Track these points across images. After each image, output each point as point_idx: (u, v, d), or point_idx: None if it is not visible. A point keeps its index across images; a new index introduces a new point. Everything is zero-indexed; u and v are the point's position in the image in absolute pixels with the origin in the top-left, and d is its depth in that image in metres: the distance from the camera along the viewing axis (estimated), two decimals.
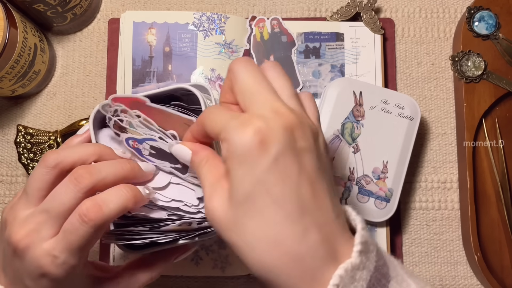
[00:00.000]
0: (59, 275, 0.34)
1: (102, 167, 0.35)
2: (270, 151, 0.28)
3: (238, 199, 0.29)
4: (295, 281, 0.28)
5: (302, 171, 0.29)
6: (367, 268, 0.29)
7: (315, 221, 0.29)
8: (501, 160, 0.53)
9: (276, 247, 0.28)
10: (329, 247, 0.29)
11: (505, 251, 0.52)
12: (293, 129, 0.29)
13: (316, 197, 0.29)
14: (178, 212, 0.38)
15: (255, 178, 0.28)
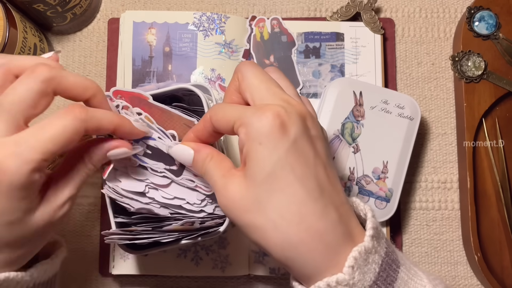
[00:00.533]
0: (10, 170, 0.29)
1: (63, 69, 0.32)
2: (290, 134, 0.30)
3: (260, 178, 0.30)
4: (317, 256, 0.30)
5: (317, 155, 0.31)
6: (378, 253, 0.30)
7: (332, 201, 0.31)
8: (501, 160, 0.53)
9: (299, 222, 0.30)
10: (345, 226, 0.31)
11: (505, 251, 0.52)
12: (305, 118, 0.31)
13: (330, 180, 0.31)
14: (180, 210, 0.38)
15: (278, 157, 0.30)
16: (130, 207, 0.37)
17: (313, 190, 0.30)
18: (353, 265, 0.29)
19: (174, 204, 0.38)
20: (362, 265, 0.29)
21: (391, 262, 0.31)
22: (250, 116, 0.30)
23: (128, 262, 0.51)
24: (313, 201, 0.30)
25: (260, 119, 0.30)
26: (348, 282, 0.29)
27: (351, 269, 0.29)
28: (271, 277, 0.52)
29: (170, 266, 0.51)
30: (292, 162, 0.30)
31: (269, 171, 0.30)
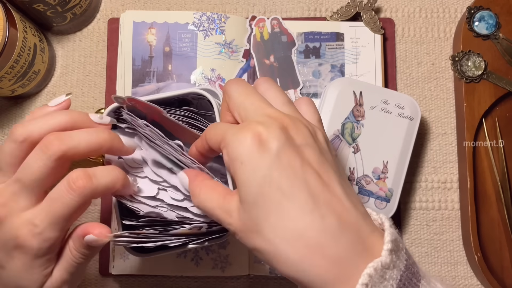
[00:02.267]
0: (34, 247, 0.32)
1: (74, 133, 0.33)
2: (271, 149, 0.29)
3: (250, 201, 0.29)
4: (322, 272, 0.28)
5: (305, 163, 0.29)
6: (397, 267, 0.28)
7: (330, 209, 0.28)
8: (501, 160, 0.53)
9: (297, 239, 0.28)
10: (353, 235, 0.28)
11: (505, 251, 0.52)
12: (288, 128, 0.30)
13: (326, 186, 0.29)
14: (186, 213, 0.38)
15: (261, 176, 0.29)
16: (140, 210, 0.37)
17: (305, 202, 0.28)
18: (367, 282, 0.27)
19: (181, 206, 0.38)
20: (378, 282, 0.27)
21: (411, 276, 0.28)
22: (231, 136, 0.30)
23: (128, 262, 0.51)
24: (309, 213, 0.28)
25: (239, 140, 0.30)
26: None
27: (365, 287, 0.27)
28: (271, 277, 0.52)
29: (170, 266, 0.51)
30: (277, 177, 0.29)
31: (256, 191, 0.29)
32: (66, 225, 0.33)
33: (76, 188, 0.32)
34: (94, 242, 0.34)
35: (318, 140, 0.32)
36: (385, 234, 0.29)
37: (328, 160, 0.31)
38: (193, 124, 0.41)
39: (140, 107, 0.38)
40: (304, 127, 0.31)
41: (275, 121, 0.30)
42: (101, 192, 0.34)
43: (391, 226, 0.29)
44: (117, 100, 0.38)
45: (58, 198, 0.32)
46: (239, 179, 0.30)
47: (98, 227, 0.34)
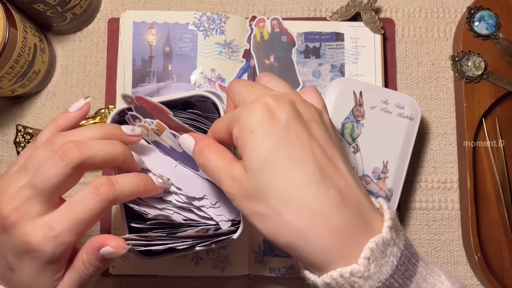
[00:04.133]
0: (48, 252, 0.32)
1: (93, 143, 0.34)
2: (280, 119, 0.30)
3: (258, 166, 0.30)
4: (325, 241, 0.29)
5: (312, 137, 0.30)
6: (397, 245, 0.29)
7: (334, 184, 0.29)
8: (501, 160, 0.53)
9: (303, 207, 0.29)
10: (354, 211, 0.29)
11: (505, 251, 0.52)
12: (296, 103, 0.31)
13: (331, 162, 0.30)
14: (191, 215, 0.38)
15: (271, 142, 0.29)
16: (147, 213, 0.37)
17: (313, 172, 0.29)
18: (369, 256, 0.28)
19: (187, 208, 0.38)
20: (379, 257, 0.28)
21: (410, 256, 0.29)
22: (241, 110, 0.31)
23: (128, 262, 0.51)
24: (315, 183, 0.29)
25: (249, 111, 0.30)
26: (363, 274, 0.28)
27: (367, 261, 0.28)
28: (271, 277, 0.52)
29: (170, 266, 0.51)
30: (287, 145, 0.29)
31: (265, 157, 0.29)
32: (83, 231, 0.33)
33: (100, 193, 0.33)
34: (112, 254, 0.34)
35: (324, 120, 0.33)
36: (384, 213, 0.30)
37: (333, 139, 0.32)
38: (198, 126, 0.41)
39: (147, 107, 0.38)
40: (311, 106, 0.32)
41: (283, 96, 0.31)
42: (123, 199, 0.35)
43: (389, 208, 0.30)
44: (126, 99, 0.38)
45: (80, 202, 0.33)
46: (247, 147, 0.30)
47: (115, 239, 0.34)
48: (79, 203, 0.33)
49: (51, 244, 0.32)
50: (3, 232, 0.33)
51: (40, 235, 0.32)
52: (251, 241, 0.51)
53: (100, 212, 0.33)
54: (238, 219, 0.40)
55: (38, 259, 0.33)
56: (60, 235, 0.32)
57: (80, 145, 0.33)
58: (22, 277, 0.34)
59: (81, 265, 0.34)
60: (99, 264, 0.34)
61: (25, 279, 0.34)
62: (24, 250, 0.33)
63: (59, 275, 0.34)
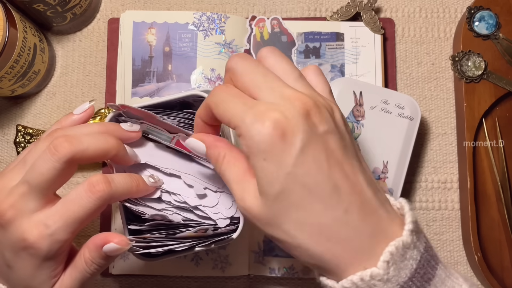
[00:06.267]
0: (44, 249, 0.32)
1: (84, 137, 0.34)
2: (295, 143, 0.28)
3: (272, 196, 0.29)
4: (345, 261, 0.28)
5: (330, 156, 0.29)
6: (417, 248, 0.29)
7: (353, 202, 0.28)
8: (501, 160, 0.53)
9: (320, 233, 0.28)
10: (374, 225, 0.29)
11: (505, 251, 0.52)
12: (310, 113, 0.28)
13: (348, 178, 0.29)
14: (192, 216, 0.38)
15: (286, 173, 0.28)
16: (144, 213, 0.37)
17: (330, 197, 0.28)
18: (388, 260, 0.27)
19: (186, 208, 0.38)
20: (399, 261, 0.28)
21: (430, 258, 0.29)
22: (249, 126, 0.28)
23: (128, 262, 0.51)
24: (332, 208, 0.28)
25: (259, 132, 0.28)
26: (382, 277, 0.27)
27: (386, 264, 0.27)
28: (271, 277, 0.51)
29: (170, 266, 0.51)
30: (302, 174, 0.28)
31: (280, 188, 0.28)
32: (78, 228, 0.33)
33: (96, 191, 0.33)
34: (115, 251, 0.34)
35: (337, 122, 0.30)
36: (406, 215, 0.29)
37: (348, 145, 0.30)
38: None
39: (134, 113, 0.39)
40: (324, 109, 0.29)
41: (295, 106, 0.28)
42: (118, 197, 0.35)
43: (411, 209, 0.30)
44: (113, 107, 0.39)
45: (75, 200, 0.33)
46: (260, 175, 0.29)
47: (118, 235, 0.34)
48: (74, 201, 0.33)
49: (46, 242, 0.32)
50: (0, 229, 0.33)
51: (35, 233, 0.32)
52: (251, 241, 0.51)
53: (95, 210, 0.33)
54: (237, 216, 0.40)
55: (35, 255, 0.33)
56: (55, 233, 0.32)
57: (71, 139, 0.33)
58: (20, 274, 0.34)
59: (83, 264, 0.34)
60: (102, 262, 0.34)
61: (23, 276, 0.34)
62: (21, 247, 0.33)
63: (56, 272, 0.34)
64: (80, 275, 0.34)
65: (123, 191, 0.35)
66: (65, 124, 0.38)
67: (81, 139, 0.34)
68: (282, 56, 0.32)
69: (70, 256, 0.35)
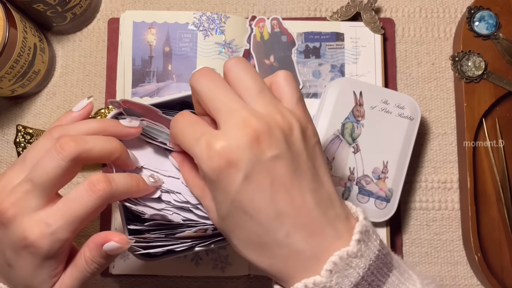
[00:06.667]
0: (45, 248, 0.32)
1: (89, 138, 0.34)
2: (239, 171, 0.29)
3: (221, 216, 0.32)
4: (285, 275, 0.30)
5: (275, 181, 0.30)
6: (365, 257, 0.29)
7: (295, 225, 0.30)
8: (501, 160, 0.53)
9: (263, 252, 0.30)
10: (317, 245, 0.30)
11: (505, 251, 0.52)
12: (260, 139, 0.29)
13: (293, 202, 0.30)
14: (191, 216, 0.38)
15: (230, 200, 0.30)
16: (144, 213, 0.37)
17: (271, 222, 0.29)
18: (331, 269, 0.29)
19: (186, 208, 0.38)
20: (343, 269, 0.29)
21: (382, 266, 0.30)
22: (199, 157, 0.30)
23: (128, 262, 0.51)
24: (273, 232, 0.30)
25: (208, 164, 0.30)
26: (325, 284, 0.29)
27: (329, 273, 0.29)
28: None
29: (170, 266, 0.51)
30: (245, 200, 0.29)
31: (226, 212, 0.31)
32: (79, 227, 0.33)
33: (96, 190, 0.33)
34: (115, 250, 0.34)
35: (292, 142, 0.30)
36: (356, 225, 0.30)
37: (301, 164, 0.30)
38: None
39: (135, 108, 0.39)
40: (278, 131, 0.30)
41: (244, 133, 0.29)
42: (118, 196, 0.35)
43: (364, 219, 0.31)
44: (113, 104, 0.39)
45: (76, 199, 0.33)
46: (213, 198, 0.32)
47: (118, 234, 0.34)
48: (74, 200, 0.33)
49: (47, 241, 0.32)
50: (1, 227, 0.33)
51: (36, 231, 0.32)
52: None
53: (95, 209, 0.33)
54: None
55: (36, 254, 0.33)
56: (56, 231, 0.32)
57: (77, 139, 0.33)
58: (21, 273, 0.34)
59: (83, 263, 0.34)
60: (102, 261, 0.34)
61: (24, 274, 0.34)
62: (22, 245, 0.33)
63: (57, 271, 0.34)
64: (81, 275, 0.34)
65: (123, 191, 0.35)
66: (65, 122, 0.38)
67: (86, 139, 0.34)
68: (245, 68, 0.32)
69: (70, 256, 0.35)
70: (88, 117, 0.39)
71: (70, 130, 0.36)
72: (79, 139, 0.34)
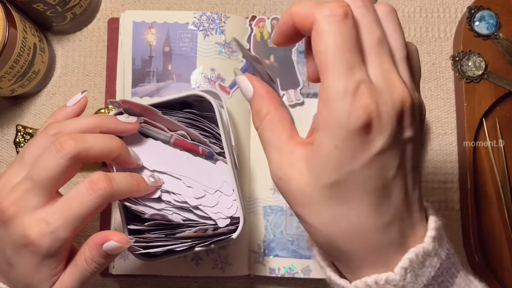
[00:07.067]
0: (45, 246, 0.32)
1: (89, 136, 0.34)
2: (376, 143, 0.26)
3: (325, 182, 0.27)
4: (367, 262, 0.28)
5: (401, 165, 0.27)
6: (438, 255, 0.28)
7: (398, 216, 0.27)
8: (501, 160, 0.53)
9: (355, 235, 0.27)
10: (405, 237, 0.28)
11: (505, 251, 0.52)
12: (404, 115, 0.26)
13: (406, 192, 0.28)
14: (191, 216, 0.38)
15: (352, 169, 0.26)
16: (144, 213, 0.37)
17: (380, 205, 0.27)
18: (407, 266, 0.27)
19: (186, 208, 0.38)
20: (417, 268, 0.27)
21: (451, 266, 0.28)
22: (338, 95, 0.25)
23: (128, 262, 0.51)
24: (378, 216, 0.27)
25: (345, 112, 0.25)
26: (398, 283, 0.27)
27: (404, 271, 0.27)
28: (271, 277, 0.51)
29: (170, 266, 0.51)
30: (367, 176, 0.26)
31: (339, 179, 0.26)
32: (79, 226, 0.33)
33: (97, 189, 0.33)
34: (115, 249, 0.34)
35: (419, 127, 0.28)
36: (429, 221, 0.29)
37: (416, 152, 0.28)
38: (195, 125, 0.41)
39: (135, 108, 0.39)
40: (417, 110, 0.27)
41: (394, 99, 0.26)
42: (119, 196, 0.35)
43: (436, 215, 0.29)
44: (113, 104, 0.39)
45: (76, 198, 0.33)
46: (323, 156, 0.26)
47: (118, 234, 0.34)
48: (75, 199, 0.33)
49: (47, 240, 0.32)
50: (2, 226, 0.33)
51: (37, 230, 0.32)
52: (251, 241, 0.51)
53: (96, 208, 0.33)
54: (237, 216, 0.40)
55: (36, 253, 0.33)
56: (56, 230, 0.32)
57: (77, 137, 0.33)
58: (20, 272, 0.34)
59: (83, 262, 0.34)
60: (102, 260, 0.34)
61: (24, 273, 0.34)
62: (22, 244, 0.33)
63: (57, 270, 0.34)
64: (80, 274, 0.34)
65: (124, 190, 0.35)
66: (60, 117, 0.38)
67: (86, 138, 0.34)
68: (399, 24, 0.28)
69: (70, 256, 0.35)
70: (82, 111, 0.39)
71: (66, 126, 0.35)
72: (79, 137, 0.33)
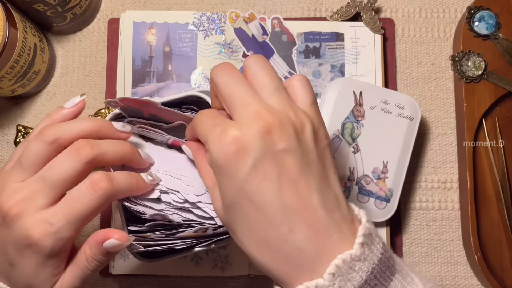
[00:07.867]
0: (48, 247, 0.33)
1: (103, 142, 0.35)
2: (247, 159, 0.29)
3: (226, 205, 0.31)
4: (286, 275, 0.30)
5: (283, 173, 0.29)
6: (369, 260, 0.29)
7: (300, 222, 0.29)
8: (501, 160, 0.53)
9: (264, 247, 0.30)
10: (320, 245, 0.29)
11: (505, 251, 0.52)
12: (272, 131, 0.29)
13: (300, 197, 0.29)
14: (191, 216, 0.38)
15: (236, 188, 0.29)
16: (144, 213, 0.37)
17: (275, 215, 0.29)
18: (334, 272, 0.28)
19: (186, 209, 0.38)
20: (346, 273, 0.28)
21: (384, 269, 0.29)
22: (211, 142, 0.30)
23: (128, 262, 0.51)
24: (277, 226, 0.29)
25: (217, 148, 0.29)
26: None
27: (332, 276, 0.28)
28: None
29: (170, 266, 0.51)
30: (251, 190, 0.29)
31: (231, 200, 0.30)
32: (81, 226, 0.34)
33: (98, 189, 0.33)
34: (116, 247, 0.34)
35: (303, 139, 0.30)
36: (359, 228, 0.30)
37: (311, 162, 0.30)
38: None
39: (134, 105, 0.39)
40: (290, 126, 0.30)
41: (257, 123, 0.29)
42: (120, 195, 0.35)
43: (367, 221, 0.30)
44: (110, 104, 0.38)
45: (78, 198, 0.33)
46: (219, 185, 0.31)
47: (118, 231, 0.35)
48: (77, 199, 0.33)
49: (50, 240, 0.32)
50: (4, 226, 0.33)
51: (40, 230, 0.32)
52: None
53: (97, 208, 0.33)
54: None
55: (39, 253, 0.33)
56: (59, 230, 0.33)
57: (92, 143, 0.34)
58: (23, 272, 0.34)
59: (84, 260, 0.34)
60: (103, 258, 0.34)
61: (26, 274, 0.34)
62: (25, 244, 0.33)
63: (59, 270, 0.35)
64: (81, 272, 0.35)
65: (124, 189, 0.35)
66: (55, 119, 0.38)
67: (100, 143, 0.35)
68: (263, 66, 0.32)
69: (71, 255, 0.36)
70: (79, 114, 0.39)
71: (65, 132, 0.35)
72: (94, 143, 0.34)
